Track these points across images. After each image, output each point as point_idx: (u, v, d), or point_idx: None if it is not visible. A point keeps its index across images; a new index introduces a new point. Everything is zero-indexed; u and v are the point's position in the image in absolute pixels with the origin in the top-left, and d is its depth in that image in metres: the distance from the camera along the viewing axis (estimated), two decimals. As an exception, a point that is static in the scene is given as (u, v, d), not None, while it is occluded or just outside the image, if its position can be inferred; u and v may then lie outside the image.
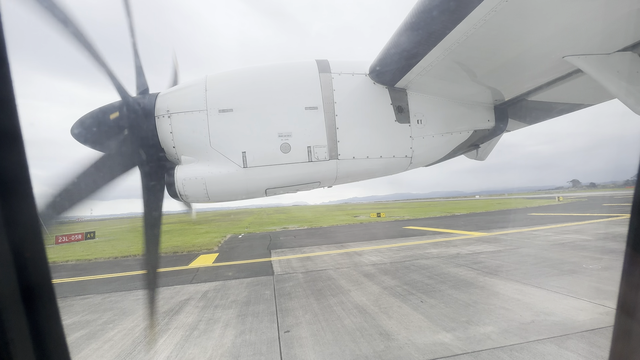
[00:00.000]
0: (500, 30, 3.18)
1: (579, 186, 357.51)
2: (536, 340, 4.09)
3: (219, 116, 4.03)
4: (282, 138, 4.09)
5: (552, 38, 3.37)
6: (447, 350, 3.99)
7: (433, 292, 6.37)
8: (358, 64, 4.54)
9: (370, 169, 4.52)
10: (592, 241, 11.23)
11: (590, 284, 6.34)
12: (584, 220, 18.06)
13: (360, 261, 10.07)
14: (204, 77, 4.24)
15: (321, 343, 4.40)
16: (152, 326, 3.64)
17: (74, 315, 6.37)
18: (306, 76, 4.30)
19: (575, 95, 5.11)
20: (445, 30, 3.21)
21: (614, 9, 2.93)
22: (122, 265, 12.36)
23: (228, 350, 4.37)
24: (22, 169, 0.67)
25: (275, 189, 4.37)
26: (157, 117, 4.01)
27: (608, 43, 3.47)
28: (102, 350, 4.66)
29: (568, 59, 3.65)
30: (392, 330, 4.66)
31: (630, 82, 3.57)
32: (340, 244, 14.16)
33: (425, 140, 4.68)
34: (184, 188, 4.03)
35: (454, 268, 8.33)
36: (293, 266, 9.91)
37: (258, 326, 5.15)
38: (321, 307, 5.91)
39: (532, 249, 10.36)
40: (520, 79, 4.54)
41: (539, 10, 2.93)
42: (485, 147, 6.13)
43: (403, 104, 4.57)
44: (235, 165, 4.06)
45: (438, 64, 3.87)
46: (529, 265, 8.24)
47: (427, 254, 10.65)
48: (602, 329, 4.29)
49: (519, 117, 5.79)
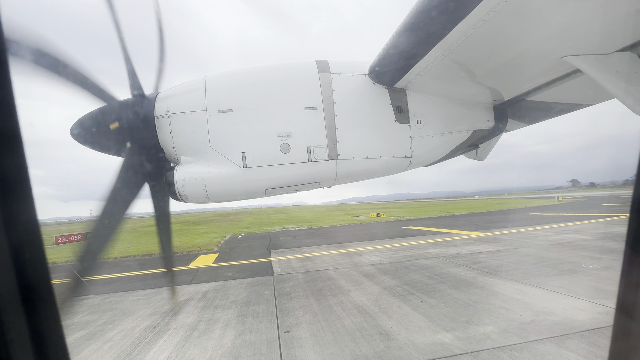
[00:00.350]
0: (499, 31, 3.19)
1: (579, 186, 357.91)
2: (536, 340, 4.09)
3: (218, 116, 4.03)
4: (282, 138, 4.10)
5: (551, 38, 3.37)
6: (447, 350, 3.99)
7: (433, 292, 6.37)
8: (357, 64, 4.54)
9: (370, 169, 4.53)
10: (592, 241, 11.25)
11: (589, 283, 6.35)
12: (584, 220, 18.08)
13: (360, 261, 10.07)
14: (204, 78, 4.24)
15: (321, 343, 4.40)
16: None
17: (73, 315, 6.36)
18: (306, 76, 4.30)
19: (574, 95, 5.12)
20: (444, 31, 3.22)
21: (613, 9, 2.93)
22: (122, 265, 12.34)
23: (228, 350, 4.37)
24: (22, 170, 0.67)
25: (274, 189, 4.37)
26: (156, 117, 4.01)
27: (607, 43, 3.47)
28: (102, 351, 4.65)
29: (567, 59, 3.66)
30: (392, 330, 4.66)
31: (629, 82, 3.57)
32: (340, 244, 14.16)
33: (425, 140, 4.69)
34: (184, 188, 4.03)
35: (453, 268, 8.33)
36: (293, 266, 9.90)
37: (258, 326, 5.15)
38: (321, 307, 5.90)
39: (532, 249, 10.37)
40: (519, 79, 4.55)
41: (537, 11, 2.93)
42: (485, 147, 6.14)
43: (402, 104, 4.57)
44: (234, 166, 4.06)
45: (437, 64, 3.87)
46: (528, 265, 8.25)
47: (426, 254, 10.65)
48: (601, 328, 4.30)
49: (518, 117, 5.80)
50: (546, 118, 6.14)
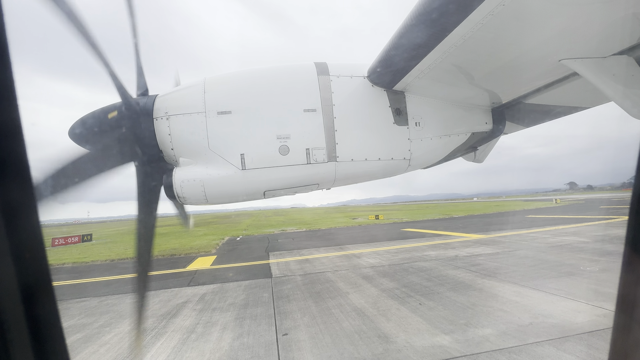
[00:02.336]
0: (498, 34, 3.21)
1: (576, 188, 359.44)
2: (534, 343, 4.09)
3: (217, 118, 4.03)
4: (281, 140, 4.10)
5: (548, 41, 3.40)
6: (446, 352, 3.98)
7: (431, 294, 6.37)
8: (356, 66, 4.56)
9: (369, 171, 4.53)
10: (590, 243, 11.28)
11: (588, 286, 6.36)
12: (582, 223, 18.14)
13: (359, 263, 10.06)
14: (203, 79, 4.24)
15: (319, 346, 4.38)
16: (139, 334, 3.42)
17: (70, 318, 6.31)
18: (305, 78, 4.31)
19: (571, 98, 5.16)
20: (443, 33, 3.24)
21: (610, 13, 2.96)
22: (119, 267, 12.28)
23: (226, 353, 4.35)
24: (23, 170, 0.67)
25: (273, 191, 4.37)
26: (155, 118, 4.00)
27: (604, 47, 3.50)
28: (99, 353, 4.62)
29: (564, 62, 3.68)
30: (390, 333, 4.65)
31: (626, 85, 3.60)
32: (339, 246, 14.14)
33: (424, 142, 4.70)
34: (182, 190, 4.02)
35: (452, 270, 8.33)
36: (291, 268, 9.88)
37: (256, 329, 5.13)
38: (319, 309, 5.89)
39: (530, 251, 10.39)
40: (517, 82, 4.57)
41: (535, 14, 2.95)
42: (483, 149, 6.16)
43: (401, 107, 4.59)
44: (233, 168, 4.05)
45: (436, 66, 3.89)
46: (527, 267, 8.26)
47: (425, 256, 10.65)
48: (600, 331, 4.30)
49: (516, 120, 5.82)
50: (544, 121, 6.17)
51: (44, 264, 0.71)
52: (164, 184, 4.07)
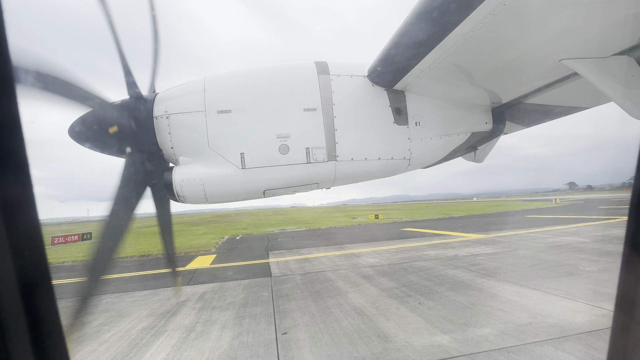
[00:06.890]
0: (498, 34, 3.21)
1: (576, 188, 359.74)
2: (533, 342, 4.09)
3: (217, 117, 4.03)
4: (281, 139, 4.09)
5: (549, 41, 3.40)
6: (445, 352, 3.99)
7: (431, 294, 6.38)
8: (357, 66, 4.55)
9: (369, 170, 4.53)
10: (589, 243, 11.29)
11: (587, 286, 6.37)
12: (581, 223, 18.15)
13: (358, 263, 10.07)
14: (203, 78, 4.24)
15: (319, 345, 4.38)
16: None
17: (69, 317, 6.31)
18: (305, 78, 4.31)
19: (572, 98, 5.16)
20: (443, 33, 3.23)
21: (610, 13, 2.96)
22: (119, 266, 12.26)
23: (225, 352, 4.35)
24: (23, 168, 0.67)
25: (273, 190, 4.37)
26: (155, 117, 4.00)
27: (604, 47, 3.50)
28: (98, 352, 4.62)
29: (565, 63, 3.68)
30: (389, 332, 4.66)
31: (626, 86, 3.60)
32: (338, 246, 14.14)
33: (424, 142, 4.70)
34: (182, 189, 4.02)
35: (451, 270, 8.34)
36: (291, 268, 9.88)
37: (255, 328, 5.13)
38: (319, 308, 5.89)
39: (530, 251, 10.39)
40: (517, 82, 4.57)
41: (536, 14, 2.95)
42: (483, 149, 6.16)
43: (401, 106, 4.58)
44: (233, 167, 4.05)
45: (436, 66, 3.89)
46: (526, 267, 8.27)
47: (424, 255, 10.66)
48: (599, 330, 4.31)
49: (516, 120, 5.82)
50: (544, 121, 6.18)
51: (43, 262, 0.71)
52: (164, 183, 4.07)
